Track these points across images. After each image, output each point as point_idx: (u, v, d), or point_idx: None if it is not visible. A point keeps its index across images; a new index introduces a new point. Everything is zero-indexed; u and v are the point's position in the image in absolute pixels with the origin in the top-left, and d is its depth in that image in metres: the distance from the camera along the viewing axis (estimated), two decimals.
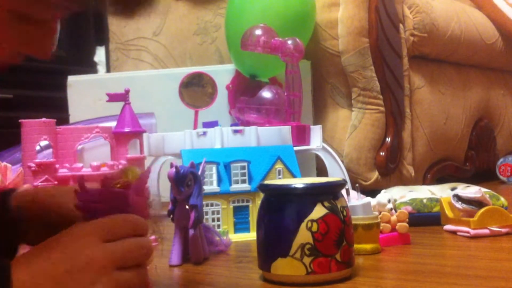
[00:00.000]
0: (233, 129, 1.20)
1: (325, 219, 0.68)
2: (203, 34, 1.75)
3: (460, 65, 1.90)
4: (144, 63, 1.85)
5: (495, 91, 2.08)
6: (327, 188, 0.70)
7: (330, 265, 0.68)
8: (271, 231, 0.70)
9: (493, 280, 0.68)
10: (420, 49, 1.64)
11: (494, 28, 2.02)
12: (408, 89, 1.60)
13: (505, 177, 1.97)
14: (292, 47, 1.34)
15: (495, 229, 0.93)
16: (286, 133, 1.24)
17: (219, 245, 0.93)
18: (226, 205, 1.05)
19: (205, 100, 1.41)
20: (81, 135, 0.97)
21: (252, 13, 1.47)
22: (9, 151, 1.29)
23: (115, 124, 1.02)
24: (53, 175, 0.93)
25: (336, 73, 1.54)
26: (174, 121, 1.48)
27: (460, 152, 1.88)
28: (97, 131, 0.97)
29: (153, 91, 1.62)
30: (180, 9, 1.81)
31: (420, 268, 0.76)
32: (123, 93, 1.02)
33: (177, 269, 0.83)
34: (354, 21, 1.47)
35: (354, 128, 1.51)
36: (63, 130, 0.96)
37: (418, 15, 1.61)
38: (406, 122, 1.58)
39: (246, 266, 0.83)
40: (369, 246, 0.85)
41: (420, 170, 1.66)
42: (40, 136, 0.93)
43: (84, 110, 1.58)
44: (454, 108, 1.81)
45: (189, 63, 1.78)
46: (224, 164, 1.06)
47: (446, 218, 1.02)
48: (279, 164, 1.08)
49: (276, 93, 1.40)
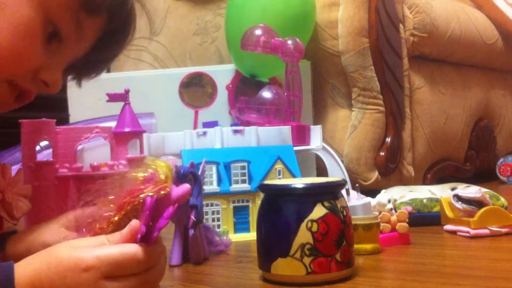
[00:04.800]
0: (233, 129, 1.20)
1: (325, 219, 0.68)
2: (203, 34, 1.75)
3: (460, 65, 1.90)
4: (144, 63, 1.85)
5: (495, 91, 2.08)
6: (327, 188, 0.70)
7: (330, 265, 0.68)
8: (271, 231, 0.70)
9: (493, 280, 0.68)
10: (420, 49, 1.64)
11: (494, 28, 2.02)
12: (408, 89, 1.60)
13: (505, 177, 1.97)
14: (292, 47, 1.34)
15: (495, 229, 0.93)
16: (286, 133, 1.24)
17: (219, 245, 0.93)
18: (226, 205, 1.05)
19: (205, 100, 1.41)
20: (81, 135, 0.96)
21: (252, 13, 1.47)
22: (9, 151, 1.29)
23: (115, 124, 1.01)
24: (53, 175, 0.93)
25: (336, 73, 1.54)
26: (174, 121, 1.48)
27: (460, 152, 1.88)
28: (97, 131, 0.97)
29: (153, 91, 1.61)
30: (180, 9, 1.80)
31: (420, 268, 0.76)
32: (123, 93, 1.02)
33: (177, 269, 0.83)
34: (354, 21, 1.47)
35: (354, 128, 1.51)
36: (63, 130, 0.96)
37: (418, 15, 1.61)
38: (406, 122, 1.58)
39: (246, 266, 0.83)
40: (369, 246, 0.85)
41: (420, 170, 1.66)
42: (40, 136, 0.93)
43: (84, 110, 1.58)
44: (454, 108, 1.81)
45: (189, 63, 1.78)
46: (224, 164, 1.06)
47: (446, 218, 1.02)
48: (279, 164, 1.08)
49: (276, 93, 1.40)
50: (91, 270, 0.51)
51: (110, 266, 0.51)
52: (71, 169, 0.94)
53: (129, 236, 0.53)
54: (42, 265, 0.51)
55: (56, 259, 0.51)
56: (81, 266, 0.51)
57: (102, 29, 0.73)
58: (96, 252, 0.52)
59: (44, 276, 0.51)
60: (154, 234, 0.53)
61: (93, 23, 0.71)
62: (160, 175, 0.56)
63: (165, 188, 0.55)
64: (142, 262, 0.53)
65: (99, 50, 0.76)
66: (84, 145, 1.04)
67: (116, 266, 0.51)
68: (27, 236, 0.71)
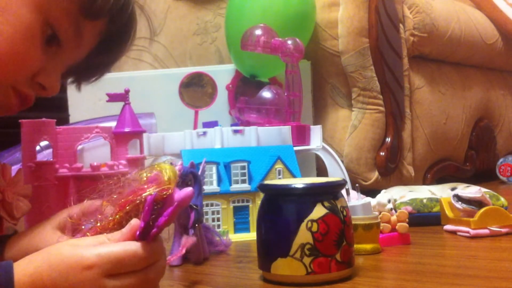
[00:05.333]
0: (233, 129, 1.20)
1: (325, 219, 0.68)
2: (203, 34, 1.75)
3: (460, 65, 1.90)
4: (144, 63, 1.85)
5: (495, 91, 2.08)
6: (327, 188, 0.70)
7: (330, 265, 0.68)
8: (271, 231, 0.70)
9: (493, 280, 0.68)
10: (420, 49, 1.64)
11: (494, 28, 2.02)
12: (408, 89, 1.60)
13: (505, 177, 1.97)
14: (292, 47, 1.34)
15: (495, 229, 0.93)
16: (286, 133, 1.24)
17: (219, 245, 0.92)
18: (226, 205, 1.05)
19: (205, 100, 1.41)
20: (81, 135, 0.96)
21: (252, 13, 1.47)
22: (9, 151, 1.29)
23: (115, 124, 1.01)
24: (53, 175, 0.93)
25: (336, 73, 1.54)
26: (174, 121, 1.48)
27: (460, 152, 1.88)
28: (97, 131, 0.97)
29: (153, 91, 1.61)
30: (180, 9, 1.80)
31: (420, 268, 0.76)
32: (123, 93, 1.02)
33: (177, 269, 0.83)
34: (354, 21, 1.47)
35: (354, 128, 1.51)
36: (63, 130, 0.96)
37: (418, 15, 1.61)
38: (406, 122, 1.58)
39: (246, 266, 0.83)
40: (369, 246, 0.85)
41: (420, 170, 1.66)
42: (40, 136, 0.93)
43: (84, 110, 1.58)
44: (454, 108, 1.81)
45: (189, 63, 1.77)
46: (224, 164, 1.06)
47: (446, 218, 1.02)
48: (279, 164, 1.08)
49: (276, 93, 1.40)
50: (93, 268, 0.51)
51: (111, 264, 0.51)
52: (71, 169, 0.94)
53: (129, 234, 0.54)
54: (43, 264, 0.51)
55: (58, 257, 0.51)
56: (82, 265, 0.51)
57: (102, 33, 0.73)
58: (97, 250, 0.52)
59: (45, 275, 0.51)
60: (153, 231, 0.54)
61: (93, 28, 0.71)
62: (163, 176, 0.57)
63: (167, 189, 0.55)
64: (143, 259, 0.53)
65: (99, 53, 0.76)
66: (84, 145, 1.04)
67: (118, 263, 0.52)
68: (22, 239, 0.71)
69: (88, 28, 0.70)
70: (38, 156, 0.94)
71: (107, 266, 0.51)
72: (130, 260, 0.52)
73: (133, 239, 0.53)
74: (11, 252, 0.70)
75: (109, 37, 0.74)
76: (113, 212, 0.56)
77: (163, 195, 0.55)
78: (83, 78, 0.80)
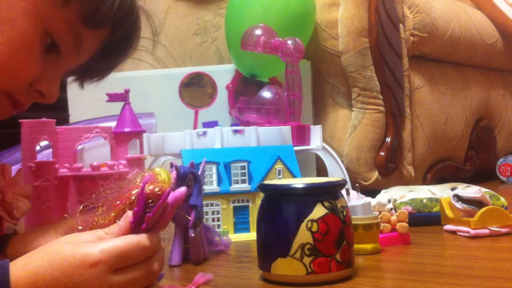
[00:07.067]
0: (233, 129, 1.20)
1: (325, 219, 0.68)
2: (203, 34, 1.75)
3: (460, 65, 1.90)
4: (144, 63, 1.85)
5: (495, 91, 2.08)
6: (327, 188, 0.70)
7: (330, 265, 0.68)
8: (271, 231, 0.70)
9: (493, 280, 0.68)
10: (420, 49, 1.64)
11: (494, 28, 2.02)
12: (408, 89, 1.60)
13: (505, 177, 1.97)
14: (292, 47, 1.34)
15: (495, 229, 0.93)
16: (286, 133, 1.24)
17: (219, 245, 0.93)
18: (226, 205, 1.05)
19: (205, 100, 1.41)
20: (81, 135, 0.96)
21: (252, 13, 1.47)
22: (9, 151, 1.29)
23: (115, 124, 1.01)
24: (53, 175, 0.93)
25: (336, 73, 1.54)
26: (174, 121, 1.48)
27: (460, 152, 1.88)
28: (97, 131, 0.97)
29: (153, 91, 1.61)
30: (180, 9, 1.80)
31: (420, 268, 0.76)
32: (123, 93, 1.02)
33: (177, 269, 0.83)
34: (354, 21, 1.47)
35: (354, 128, 1.51)
36: (63, 130, 0.96)
37: (418, 15, 1.61)
38: (406, 122, 1.58)
39: (246, 266, 0.83)
40: (369, 246, 0.85)
41: (420, 170, 1.66)
42: (40, 136, 0.93)
43: (84, 110, 1.58)
44: (454, 108, 1.81)
45: (189, 63, 1.77)
46: (224, 164, 1.06)
47: (446, 218, 1.02)
48: (279, 164, 1.08)
49: (276, 93, 1.40)
50: (99, 264, 0.50)
51: (116, 258, 0.51)
52: (71, 169, 0.94)
53: (127, 226, 0.54)
54: (44, 264, 0.50)
55: (59, 257, 0.51)
56: (87, 262, 0.50)
57: (104, 40, 0.73)
58: (100, 246, 0.51)
59: (47, 275, 0.50)
60: (143, 226, 0.54)
61: (94, 36, 0.71)
62: (158, 177, 0.58)
63: (161, 187, 0.56)
64: (146, 249, 0.53)
65: (101, 59, 0.75)
66: (84, 145, 1.04)
67: (122, 257, 0.52)
68: (25, 240, 0.71)
69: (89, 36, 0.70)
70: (38, 156, 0.94)
71: (112, 260, 0.51)
72: (135, 251, 0.52)
73: (130, 232, 0.54)
74: (14, 250, 0.70)
75: (111, 44, 0.74)
76: (109, 210, 0.57)
77: (156, 192, 0.55)
78: (86, 78, 0.80)
